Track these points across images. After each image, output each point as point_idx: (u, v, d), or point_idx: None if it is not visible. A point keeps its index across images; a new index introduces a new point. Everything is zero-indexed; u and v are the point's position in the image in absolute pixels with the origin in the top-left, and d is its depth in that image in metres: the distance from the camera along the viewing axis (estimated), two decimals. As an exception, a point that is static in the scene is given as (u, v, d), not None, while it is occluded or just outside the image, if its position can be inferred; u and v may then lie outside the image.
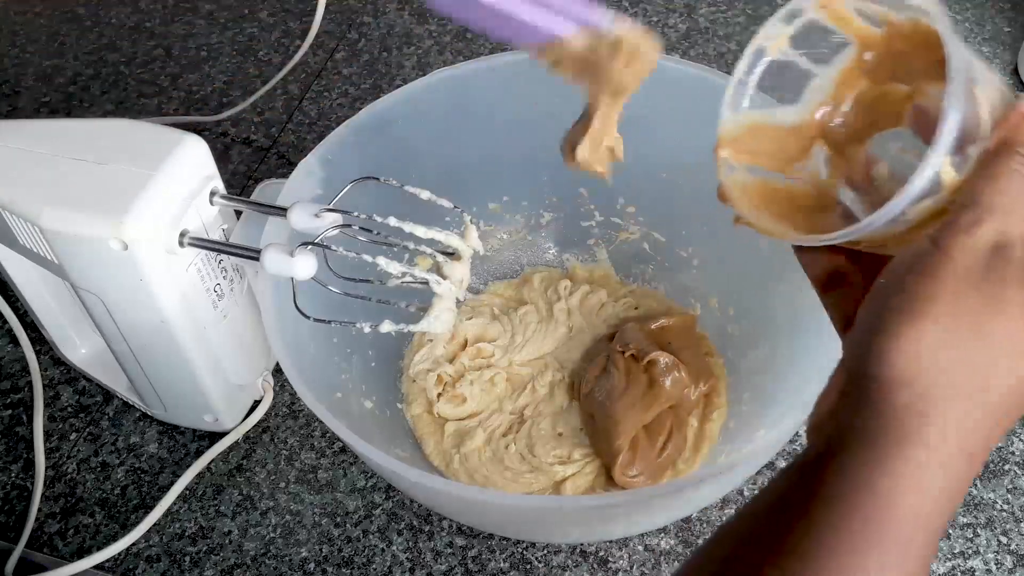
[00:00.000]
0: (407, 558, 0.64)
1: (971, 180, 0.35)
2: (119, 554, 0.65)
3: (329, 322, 0.56)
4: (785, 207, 0.43)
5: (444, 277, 0.58)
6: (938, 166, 0.34)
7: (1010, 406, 0.34)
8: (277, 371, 0.73)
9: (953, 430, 0.33)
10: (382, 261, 0.56)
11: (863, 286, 0.41)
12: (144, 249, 0.55)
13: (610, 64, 0.44)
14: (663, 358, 0.67)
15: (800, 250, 0.43)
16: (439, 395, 0.70)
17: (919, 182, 0.34)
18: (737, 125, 0.44)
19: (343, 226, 0.56)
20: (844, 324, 0.42)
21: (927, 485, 0.33)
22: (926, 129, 0.41)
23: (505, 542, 0.65)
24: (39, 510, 0.68)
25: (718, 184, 0.43)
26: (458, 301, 0.60)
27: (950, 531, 0.64)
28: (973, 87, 0.35)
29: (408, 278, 0.57)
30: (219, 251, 0.60)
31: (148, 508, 0.67)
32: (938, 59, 0.37)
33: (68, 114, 0.95)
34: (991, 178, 0.35)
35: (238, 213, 0.63)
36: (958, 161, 0.35)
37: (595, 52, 0.43)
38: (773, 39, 0.43)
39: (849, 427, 0.34)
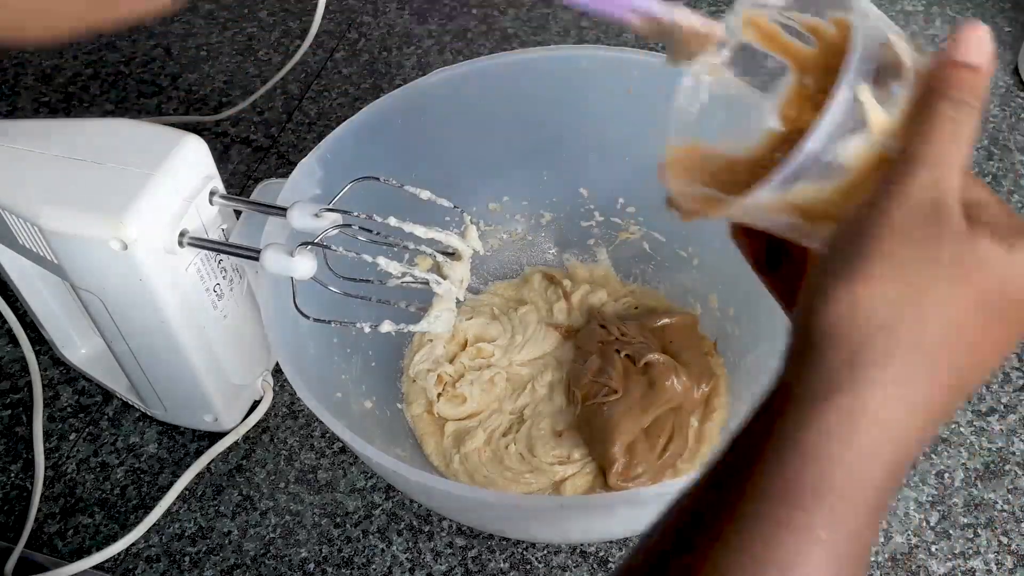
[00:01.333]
0: (407, 558, 0.64)
1: (902, 131, 0.35)
2: (119, 554, 0.65)
3: (329, 322, 0.56)
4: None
5: (444, 277, 0.58)
6: (850, 96, 0.34)
7: (957, 364, 0.33)
8: (277, 371, 0.73)
9: (889, 383, 0.32)
10: (382, 261, 0.56)
11: (803, 263, 0.41)
12: (143, 249, 0.55)
13: None
14: (661, 359, 0.67)
15: (736, 232, 0.42)
16: (439, 395, 0.70)
17: (837, 106, 0.34)
18: (687, 144, 0.42)
19: (343, 226, 0.56)
20: (787, 304, 0.42)
21: (860, 439, 0.31)
22: None
23: (505, 542, 0.65)
24: (39, 510, 0.68)
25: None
26: (458, 301, 0.60)
27: (950, 531, 0.64)
28: (888, 32, 0.35)
29: (408, 278, 0.57)
30: (219, 251, 0.60)
31: (148, 508, 0.67)
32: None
33: (68, 114, 0.95)
34: (920, 126, 0.35)
35: (238, 213, 0.63)
36: (881, 96, 0.34)
37: None
38: (708, 69, 0.41)
39: (785, 388, 0.34)
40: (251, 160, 0.89)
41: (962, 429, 0.69)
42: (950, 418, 0.34)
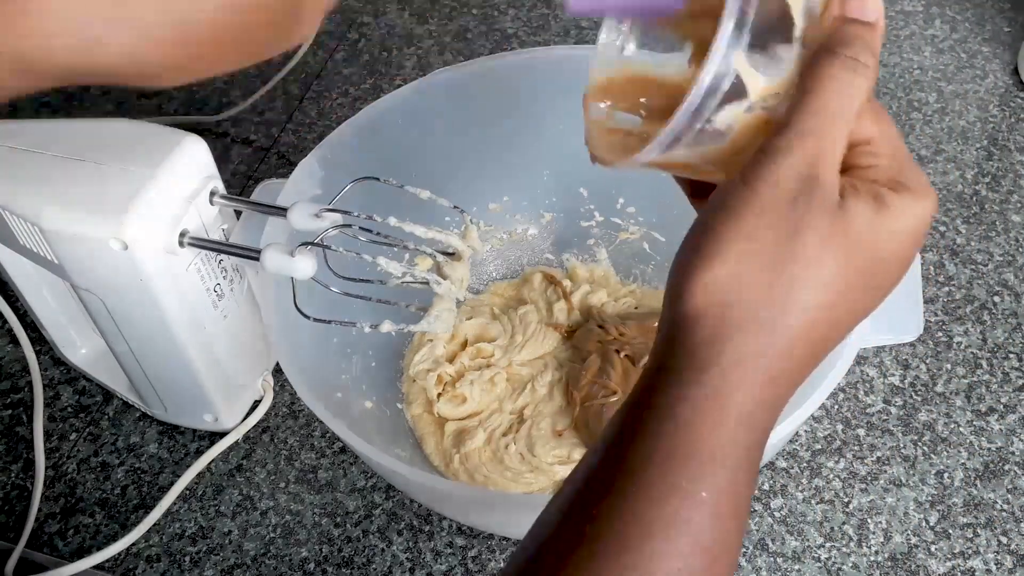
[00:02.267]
0: (407, 558, 0.64)
1: (787, 94, 0.34)
2: (119, 554, 0.65)
3: (329, 322, 0.56)
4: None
5: (444, 277, 0.58)
6: (723, 54, 0.32)
7: (818, 334, 0.34)
8: (277, 371, 0.73)
9: (750, 357, 0.33)
10: (382, 261, 0.56)
11: None
12: (144, 249, 0.55)
13: None
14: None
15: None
16: (439, 395, 0.70)
17: (708, 70, 0.33)
18: (614, 72, 0.41)
19: (343, 226, 0.56)
20: None
21: (729, 411, 0.33)
22: None
23: (505, 542, 0.65)
24: (39, 510, 0.68)
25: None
26: (458, 301, 0.60)
27: (950, 531, 0.64)
28: None
29: (408, 278, 0.57)
30: (219, 251, 0.60)
31: (148, 508, 0.67)
32: None
33: (68, 114, 0.95)
34: (806, 91, 0.34)
35: (238, 213, 0.63)
36: (762, 61, 0.33)
37: None
38: None
39: (658, 367, 0.35)
40: (251, 160, 0.89)
41: (961, 429, 0.69)
42: (811, 372, 0.36)
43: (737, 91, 0.34)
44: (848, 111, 0.34)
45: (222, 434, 0.70)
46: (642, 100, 0.41)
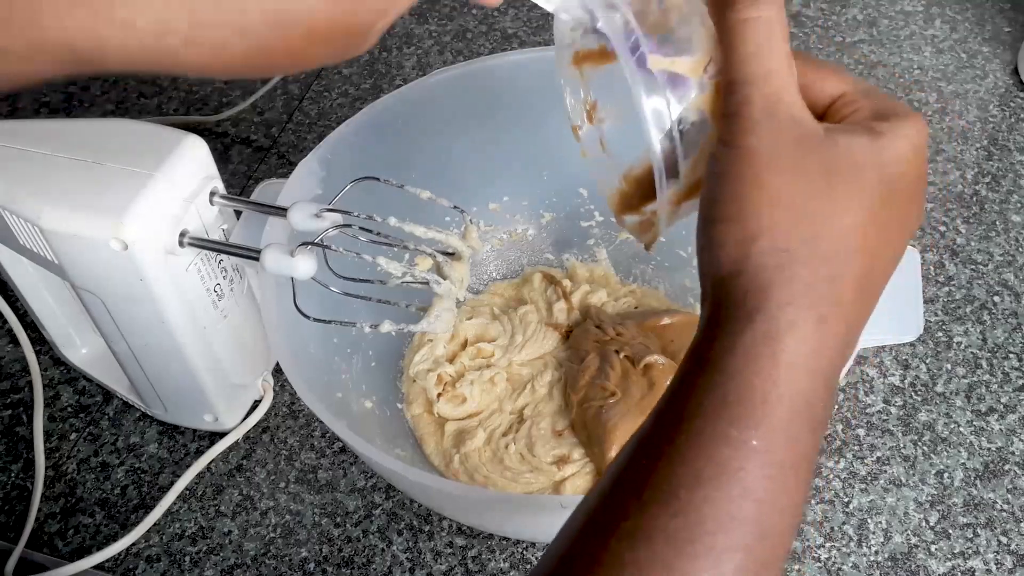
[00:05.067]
0: (407, 558, 0.64)
1: (717, 54, 0.35)
2: (119, 554, 0.65)
3: (329, 322, 0.56)
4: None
5: (444, 277, 0.58)
6: (633, 68, 0.34)
7: (860, 266, 0.34)
8: (277, 371, 0.73)
9: (796, 297, 0.33)
10: (382, 261, 0.56)
11: None
12: (144, 249, 0.55)
13: None
14: (661, 361, 0.67)
15: None
16: (439, 395, 0.70)
17: (635, 86, 0.35)
18: (619, 184, 0.44)
19: (343, 226, 0.56)
20: None
21: (779, 356, 0.33)
22: None
23: (505, 542, 0.65)
24: (39, 510, 0.68)
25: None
26: (458, 301, 0.60)
27: (950, 531, 0.64)
28: None
29: (408, 278, 0.57)
30: (219, 251, 0.60)
31: (148, 508, 0.67)
32: None
33: (68, 114, 0.95)
34: (728, 47, 0.34)
35: (238, 213, 0.63)
36: (677, 47, 0.35)
37: None
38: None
39: (705, 326, 0.35)
40: (251, 160, 0.89)
41: (961, 429, 0.69)
42: (868, 316, 0.36)
43: (680, 83, 0.35)
44: (776, 41, 0.34)
45: (222, 434, 0.70)
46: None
